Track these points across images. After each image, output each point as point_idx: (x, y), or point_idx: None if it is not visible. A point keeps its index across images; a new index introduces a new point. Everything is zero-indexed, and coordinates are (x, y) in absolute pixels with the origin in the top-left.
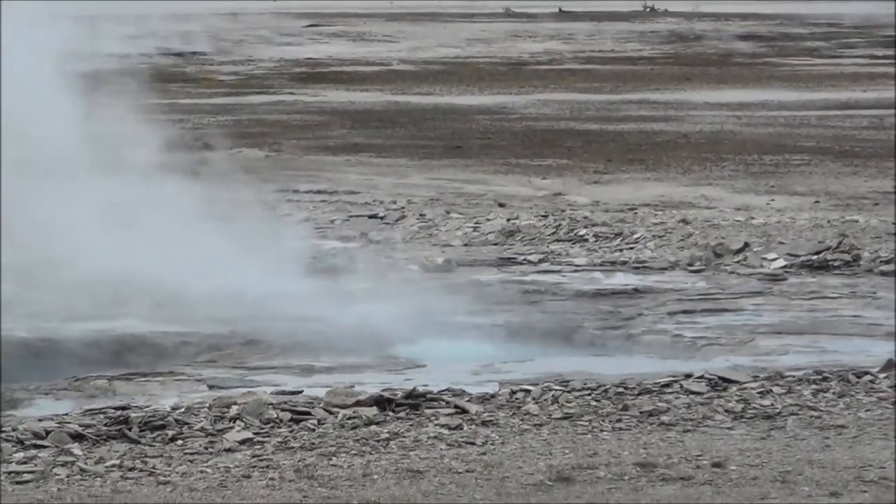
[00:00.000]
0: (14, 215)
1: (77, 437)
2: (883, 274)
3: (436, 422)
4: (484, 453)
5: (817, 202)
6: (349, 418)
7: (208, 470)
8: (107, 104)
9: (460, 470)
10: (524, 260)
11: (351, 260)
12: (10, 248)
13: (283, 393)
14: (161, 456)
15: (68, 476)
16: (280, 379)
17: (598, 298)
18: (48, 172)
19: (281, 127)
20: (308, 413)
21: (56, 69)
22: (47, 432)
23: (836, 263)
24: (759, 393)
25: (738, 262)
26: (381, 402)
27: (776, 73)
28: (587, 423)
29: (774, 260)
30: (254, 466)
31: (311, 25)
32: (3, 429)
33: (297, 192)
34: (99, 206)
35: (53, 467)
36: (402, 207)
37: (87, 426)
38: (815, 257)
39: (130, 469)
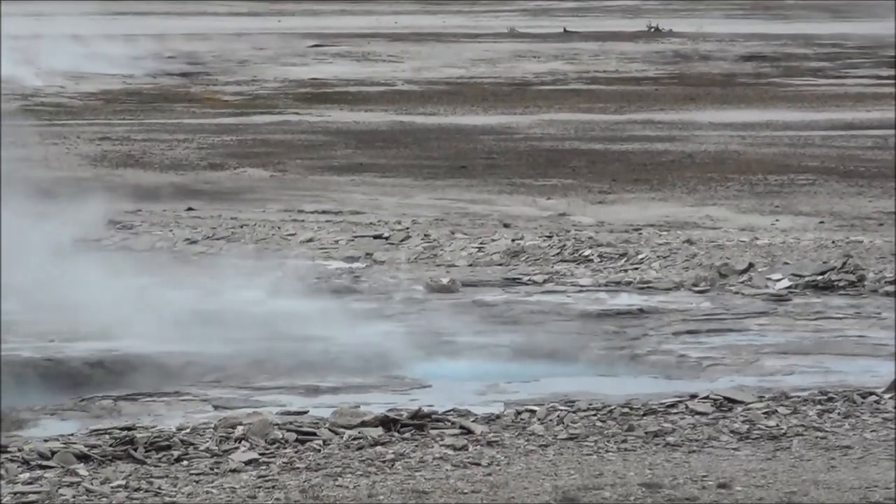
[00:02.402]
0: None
1: (83, 458)
2: (888, 294)
3: (441, 442)
4: (489, 474)
5: (822, 222)
6: (355, 439)
7: (214, 490)
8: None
9: (466, 491)
10: (529, 280)
11: (356, 280)
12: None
13: (289, 413)
14: (167, 476)
15: (74, 497)
16: (285, 399)
17: (603, 319)
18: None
19: (285, 147)
20: (313, 433)
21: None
22: (53, 453)
23: (841, 284)
24: (764, 413)
25: (742, 282)
26: (387, 423)
27: (780, 94)
28: (593, 444)
29: (779, 280)
30: (259, 487)
31: (316, 45)
32: (9, 449)
33: (301, 212)
34: (103, 224)
35: (59, 488)
36: (407, 228)
37: (93, 446)
38: (819, 277)
39: (136, 489)
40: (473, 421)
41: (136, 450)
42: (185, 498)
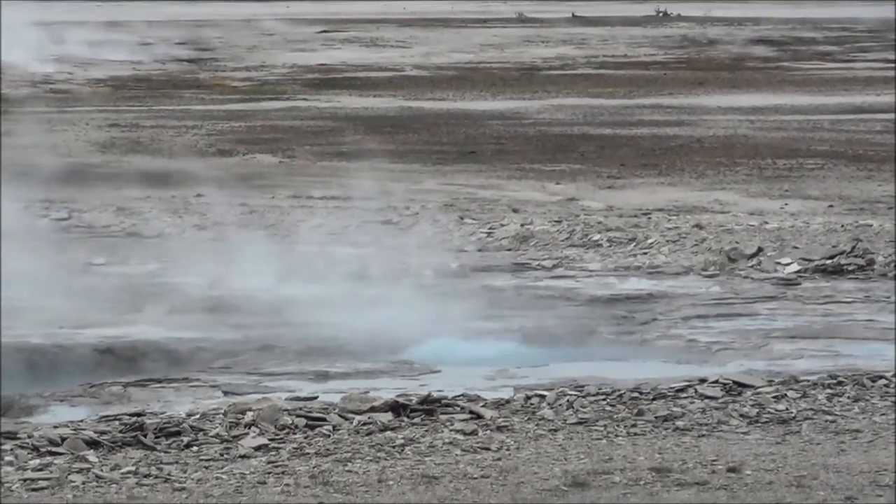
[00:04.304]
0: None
1: (92, 444)
2: None
3: (451, 427)
4: (499, 459)
5: (831, 206)
6: (364, 424)
7: (224, 476)
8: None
9: (476, 475)
10: (538, 265)
11: (365, 266)
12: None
13: (298, 399)
14: (176, 462)
15: (84, 483)
16: (295, 385)
17: (613, 303)
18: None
19: (294, 133)
20: (323, 419)
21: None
22: (63, 439)
23: (850, 268)
24: (773, 397)
25: (752, 266)
26: (396, 408)
27: (789, 78)
28: (602, 429)
29: (788, 264)
30: (269, 473)
31: (324, 31)
32: (19, 436)
33: (310, 198)
34: (111, 210)
35: (69, 474)
36: (416, 213)
37: (103, 433)
38: (828, 262)
39: (146, 476)
40: (483, 406)
41: (145, 436)
42: (194, 484)
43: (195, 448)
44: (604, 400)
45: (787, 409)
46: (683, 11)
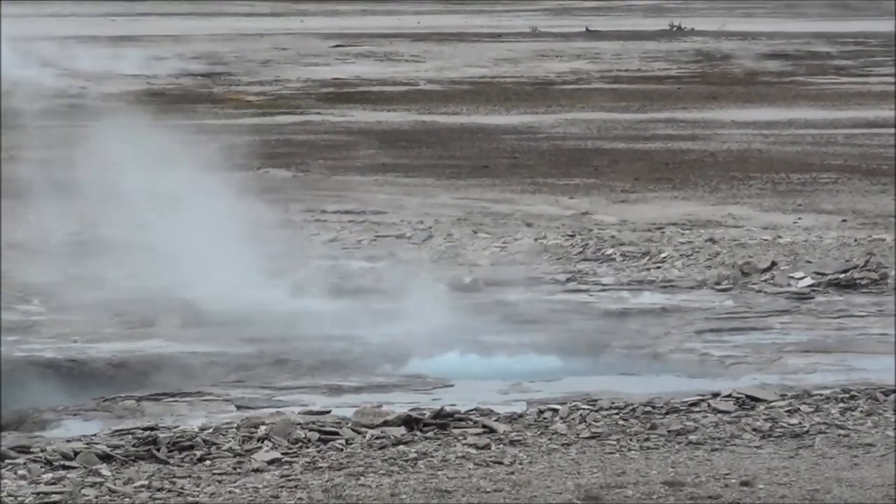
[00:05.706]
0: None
1: (105, 458)
2: None
3: (464, 441)
4: (512, 473)
5: (844, 221)
6: (377, 438)
7: (237, 490)
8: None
9: (488, 489)
10: (551, 279)
11: (378, 280)
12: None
13: (311, 413)
14: (189, 476)
15: (97, 497)
16: (308, 399)
17: (626, 317)
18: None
19: (308, 147)
20: (336, 433)
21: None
22: (76, 453)
23: (864, 282)
24: (786, 411)
25: (765, 280)
26: (409, 422)
27: (803, 92)
28: (615, 443)
29: (802, 278)
30: (282, 486)
31: (338, 46)
32: (32, 450)
33: (324, 212)
34: (129, 224)
35: (82, 488)
36: (430, 227)
37: (116, 447)
38: (842, 276)
39: (159, 489)
40: (496, 420)
41: (158, 450)
42: (207, 498)
43: (208, 462)
44: (617, 414)
45: (799, 423)
46: (697, 26)
